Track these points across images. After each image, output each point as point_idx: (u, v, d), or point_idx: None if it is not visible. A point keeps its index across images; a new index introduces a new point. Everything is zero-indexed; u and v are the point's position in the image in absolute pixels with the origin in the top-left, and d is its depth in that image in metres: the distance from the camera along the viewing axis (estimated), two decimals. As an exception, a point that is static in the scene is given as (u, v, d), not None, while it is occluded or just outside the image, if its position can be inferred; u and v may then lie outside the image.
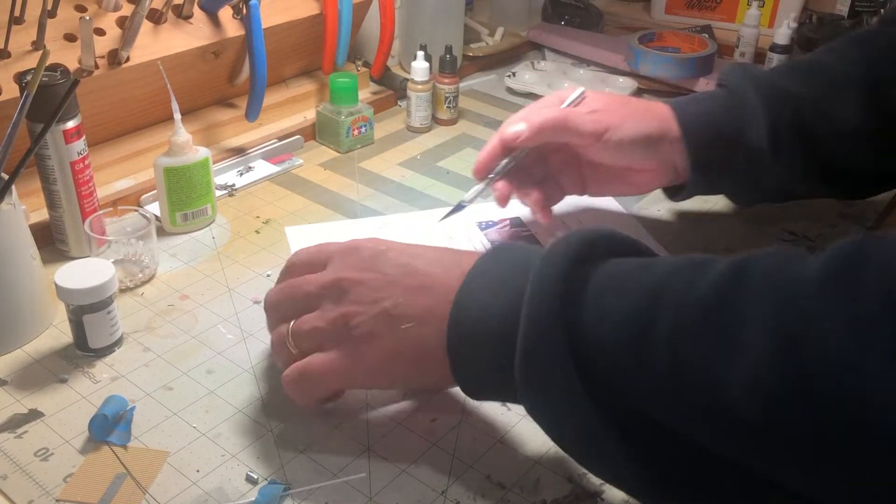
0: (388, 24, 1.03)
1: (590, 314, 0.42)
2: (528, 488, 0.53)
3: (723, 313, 0.37)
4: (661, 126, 0.71)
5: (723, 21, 1.40)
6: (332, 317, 0.52)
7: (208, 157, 0.78)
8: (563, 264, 0.44)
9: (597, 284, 0.43)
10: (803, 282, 0.35)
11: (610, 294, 0.42)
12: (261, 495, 0.52)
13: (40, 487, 0.52)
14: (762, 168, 0.71)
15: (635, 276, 0.43)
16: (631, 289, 0.42)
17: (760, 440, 0.35)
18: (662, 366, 0.38)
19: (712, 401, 0.36)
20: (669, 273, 0.41)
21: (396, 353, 0.51)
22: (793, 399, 0.33)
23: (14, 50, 0.75)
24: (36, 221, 0.76)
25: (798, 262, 0.37)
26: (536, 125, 0.70)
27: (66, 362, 0.63)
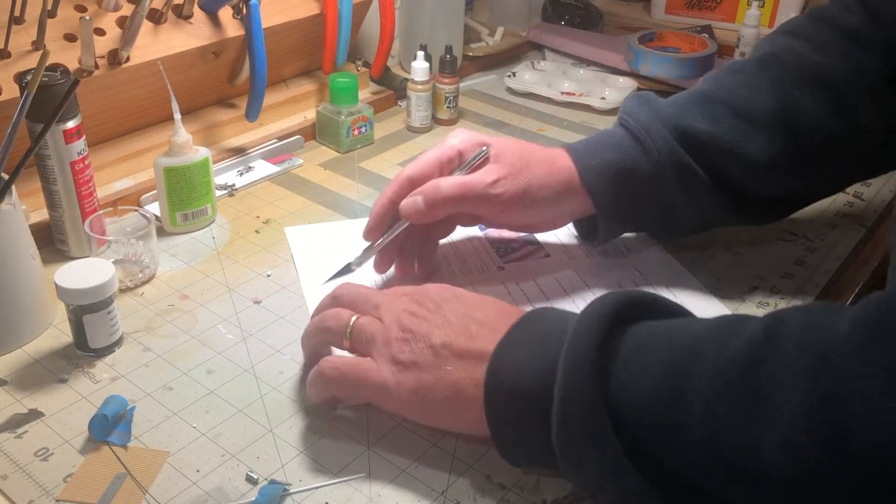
0: (388, 24, 1.03)
1: (623, 377, 0.42)
2: (528, 488, 0.53)
3: (756, 374, 0.37)
4: (565, 183, 0.68)
5: (723, 21, 1.40)
6: (389, 336, 0.54)
7: (208, 157, 0.78)
8: (597, 329, 0.44)
9: (631, 348, 0.44)
10: (836, 339, 0.35)
11: (644, 356, 0.43)
12: (261, 495, 0.52)
13: (40, 487, 0.52)
14: (673, 210, 0.69)
15: (668, 337, 0.43)
16: (664, 351, 0.42)
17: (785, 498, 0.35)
18: (696, 428, 0.39)
19: (747, 463, 0.36)
20: (702, 334, 0.42)
21: (432, 388, 0.52)
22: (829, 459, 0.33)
23: (14, 50, 0.75)
24: (36, 221, 0.76)
25: (830, 318, 0.37)
26: (436, 202, 0.65)
27: (66, 362, 0.63)
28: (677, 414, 0.39)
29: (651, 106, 0.71)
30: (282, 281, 0.73)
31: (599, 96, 1.12)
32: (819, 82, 0.69)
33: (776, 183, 0.70)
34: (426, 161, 0.68)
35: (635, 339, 0.44)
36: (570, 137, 1.03)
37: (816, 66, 0.70)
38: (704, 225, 0.73)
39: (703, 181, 0.68)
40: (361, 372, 0.54)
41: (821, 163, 0.70)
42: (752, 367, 0.37)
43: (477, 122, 1.06)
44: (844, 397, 0.33)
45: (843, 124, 0.68)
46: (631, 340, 0.44)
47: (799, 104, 0.68)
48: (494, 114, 1.09)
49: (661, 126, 0.68)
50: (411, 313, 0.54)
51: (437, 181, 0.66)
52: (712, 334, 0.41)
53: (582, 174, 0.68)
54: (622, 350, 0.44)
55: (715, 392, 0.38)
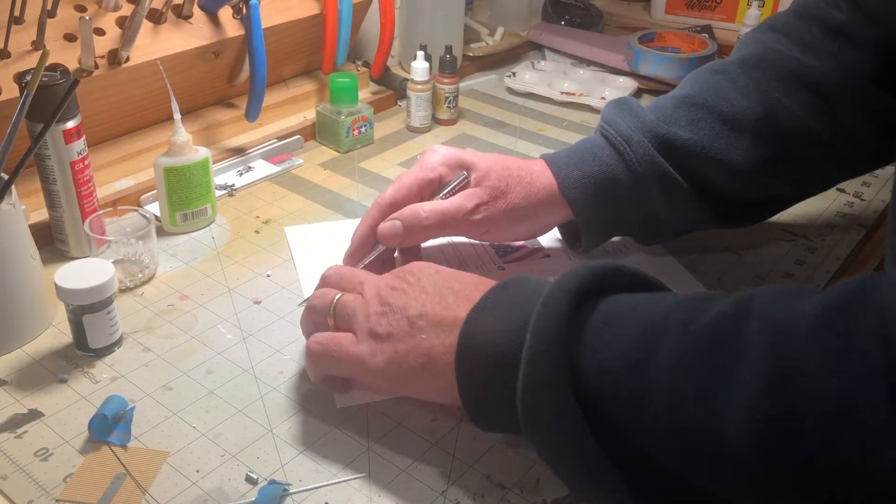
0: (388, 24, 1.03)
1: (590, 346, 0.42)
2: (528, 488, 0.53)
3: (720, 350, 0.37)
4: (546, 199, 0.68)
5: (723, 21, 1.40)
6: (369, 310, 0.54)
7: (208, 157, 0.78)
8: (569, 297, 0.44)
9: (600, 318, 0.44)
10: (800, 320, 0.35)
11: (612, 327, 0.43)
12: (261, 495, 0.52)
13: (40, 487, 0.52)
14: (655, 218, 0.69)
15: (639, 310, 0.43)
16: (633, 322, 0.42)
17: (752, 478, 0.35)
18: (659, 401, 0.39)
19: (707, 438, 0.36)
20: (672, 308, 0.42)
21: (406, 357, 0.52)
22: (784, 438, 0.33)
23: (14, 50, 0.75)
24: (36, 221, 0.76)
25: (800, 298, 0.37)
26: (415, 229, 0.65)
27: (66, 362, 0.63)
28: (640, 386, 0.39)
29: (632, 113, 0.70)
30: (282, 281, 0.73)
31: (599, 96, 1.12)
32: (805, 85, 0.68)
33: (759, 187, 0.69)
34: (406, 185, 0.68)
35: (606, 309, 0.44)
36: (571, 137, 1.03)
37: (802, 67, 0.69)
38: (687, 230, 0.73)
39: (684, 189, 0.67)
40: (341, 346, 0.54)
41: (805, 166, 0.69)
42: (716, 343, 0.37)
43: (477, 122, 1.06)
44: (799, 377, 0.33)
45: (829, 128, 0.68)
46: (601, 311, 0.44)
47: (784, 108, 0.68)
48: (494, 114, 1.09)
49: (641, 135, 0.68)
50: (392, 287, 0.55)
51: (417, 208, 0.66)
52: (682, 309, 0.41)
53: (562, 187, 0.68)
54: (592, 319, 0.44)
55: (678, 366, 0.38)
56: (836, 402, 0.32)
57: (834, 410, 0.32)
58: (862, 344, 0.32)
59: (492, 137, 1.03)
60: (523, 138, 1.02)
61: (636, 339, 0.41)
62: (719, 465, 0.36)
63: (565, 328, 0.43)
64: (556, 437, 0.44)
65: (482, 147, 1.00)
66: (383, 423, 0.58)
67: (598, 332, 0.43)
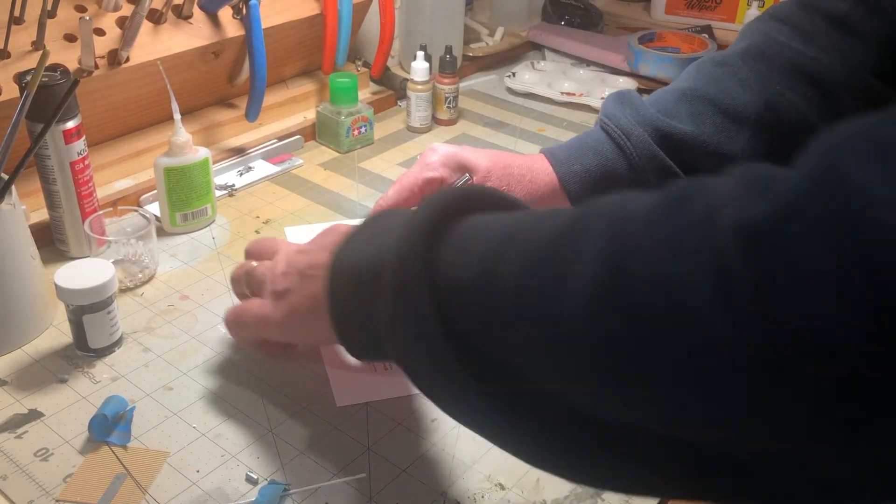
0: (388, 24, 1.03)
1: (448, 259, 0.42)
2: (528, 488, 0.53)
3: (562, 245, 0.37)
4: (547, 194, 0.69)
5: (723, 21, 1.40)
6: (275, 273, 0.56)
7: (208, 157, 0.78)
8: (431, 217, 0.44)
9: (461, 233, 0.44)
10: (636, 211, 0.35)
11: (470, 240, 0.43)
12: (261, 495, 0.52)
13: (40, 487, 0.52)
14: None
15: (497, 224, 0.43)
16: (487, 234, 0.42)
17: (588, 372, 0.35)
18: (507, 302, 0.38)
19: (549, 336, 0.36)
20: (525, 217, 0.42)
21: (298, 306, 0.54)
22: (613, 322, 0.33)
23: (14, 50, 0.75)
24: (36, 221, 0.76)
25: (639, 196, 0.37)
26: None
27: (66, 362, 0.63)
28: (492, 292, 0.39)
29: (632, 107, 0.70)
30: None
31: (599, 96, 1.12)
32: (807, 77, 0.68)
33: None
34: (407, 186, 0.69)
35: (467, 225, 0.44)
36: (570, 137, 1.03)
37: (804, 58, 0.68)
38: None
39: None
40: (249, 311, 0.57)
41: None
42: (560, 238, 0.37)
43: (477, 122, 1.06)
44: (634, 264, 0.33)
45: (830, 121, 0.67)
46: (463, 227, 0.44)
47: (785, 101, 0.68)
48: (494, 114, 1.09)
49: (641, 129, 0.68)
50: (299, 251, 0.56)
51: None
52: (536, 218, 0.41)
53: (563, 182, 0.69)
54: (453, 235, 0.44)
55: (524, 268, 0.38)
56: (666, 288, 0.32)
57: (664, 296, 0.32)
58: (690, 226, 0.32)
59: (492, 137, 1.03)
60: (523, 138, 1.02)
61: (490, 249, 0.41)
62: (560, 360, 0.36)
63: (425, 243, 0.43)
64: (414, 350, 0.43)
65: (482, 147, 1.00)
66: (383, 423, 0.58)
67: (457, 246, 0.43)
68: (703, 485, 0.36)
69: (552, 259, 0.37)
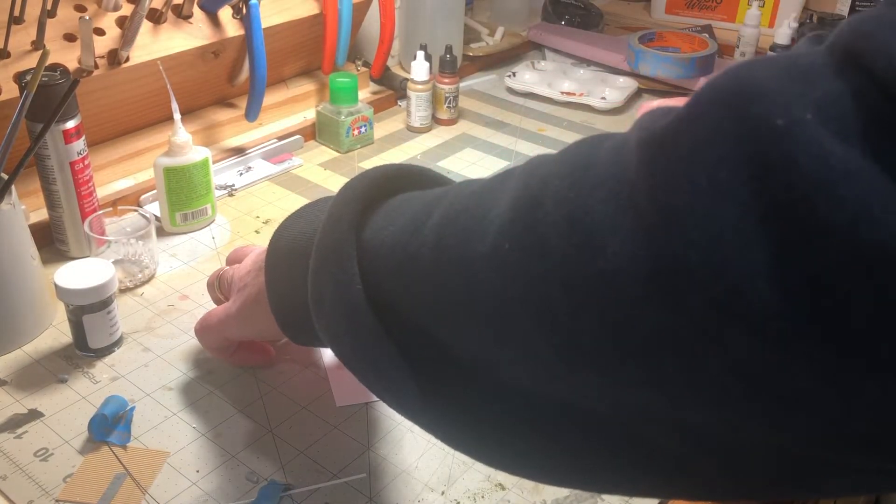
0: (388, 24, 1.03)
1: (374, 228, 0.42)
2: (528, 488, 0.53)
3: (482, 198, 0.36)
4: None
5: (723, 21, 1.40)
6: (242, 272, 0.57)
7: (208, 157, 0.78)
8: (361, 192, 0.44)
9: (390, 205, 0.43)
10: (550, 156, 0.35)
11: (398, 210, 0.42)
12: (261, 495, 0.51)
13: (40, 487, 0.52)
14: None
15: (430, 193, 0.42)
16: (419, 202, 0.41)
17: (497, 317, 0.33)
18: (427, 258, 0.37)
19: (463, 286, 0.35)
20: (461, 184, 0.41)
21: (248, 296, 0.55)
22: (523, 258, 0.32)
23: (14, 50, 0.75)
24: (36, 221, 0.76)
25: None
26: None
27: (66, 362, 0.63)
28: (412, 249, 0.38)
29: None
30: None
31: (599, 96, 1.12)
32: None
33: None
34: None
35: (397, 199, 0.44)
36: (571, 137, 1.03)
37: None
38: None
39: None
40: (213, 315, 0.59)
41: None
42: (482, 192, 0.37)
43: (477, 122, 1.06)
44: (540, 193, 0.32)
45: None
46: (393, 201, 0.44)
47: None
48: (494, 114, 1.09)
49: None
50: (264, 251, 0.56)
51: None
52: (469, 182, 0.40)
53: None
54: (381, 208, 0.43)
55: (446, 220, 0.37)
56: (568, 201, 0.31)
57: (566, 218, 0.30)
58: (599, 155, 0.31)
59: (492, 137, 1.03)
60: (523, 138, 1.02)
61: (416, 213, 0.40)
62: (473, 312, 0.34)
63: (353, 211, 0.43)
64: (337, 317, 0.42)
65: (482, 147, 1.00)
66: (383, 423, 0.58)
67: (384, 213, 0.42)
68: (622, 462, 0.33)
69: (471, 210, 0.36)
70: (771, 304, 0.25)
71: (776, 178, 0.25)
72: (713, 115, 0.27)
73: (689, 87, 1.13)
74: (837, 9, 1.34)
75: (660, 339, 0.28)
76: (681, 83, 1.13)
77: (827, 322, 0.24)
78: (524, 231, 0.32)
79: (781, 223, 0.24)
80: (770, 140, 0.25)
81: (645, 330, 0.28)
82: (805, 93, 0.25)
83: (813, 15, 1.31)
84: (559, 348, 0.31)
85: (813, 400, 0.26)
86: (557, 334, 0.31)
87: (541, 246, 0.31)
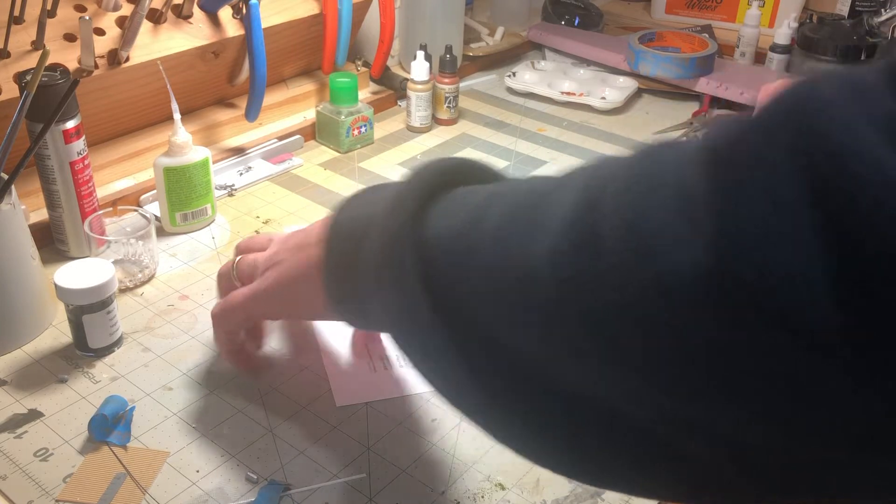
0: (388, 24, 1.03)
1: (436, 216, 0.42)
2: (528, 488, 0.53)
3: (544, 197, 0.37)
4: None
5: (723, 21, 1.40)
6: (264, 256, 0.57)
7: (208, 157, 0.78)
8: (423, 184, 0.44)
9: (449, 198, 0.44)
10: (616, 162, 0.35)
11: (456, 203, 0.43)
12: (261, 495, 0.51)
13: (40, 487, 0.52)
14: None
15: (484, 189, 0.43)
16: (478, 196, 0.42)
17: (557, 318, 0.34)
18: (486, 252, 0.38)
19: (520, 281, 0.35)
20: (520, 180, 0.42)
21: (289, 273, 0.54)
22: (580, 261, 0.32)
23: (14, 50, 0.75)
24: (36, 221, 0.76)
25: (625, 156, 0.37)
26: None
27: (66, 362, 0.63)
28: (470, 243, 0.39)
29: None
30: (282, 281, 0.73)
31: (599, 96, 1.12)
32: None
33: None
34: None
35: (455, 193, 0.44)
36: (570, 137, 1.03)
37: None
38: None
39: None
40: (237, 294, 0.57)
41: None
42: (545, 191, 0.37)
43: (477, 122, 1.06)
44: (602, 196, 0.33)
45: None
46: (455, 192, 0.44)
47: None
48: (494, 114, 1.09)
49: None
50: (291, 235, 0.57)
51: None
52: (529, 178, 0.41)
53: None
54: (441, 200, 0.44)
55: (504, 219, 0.38)
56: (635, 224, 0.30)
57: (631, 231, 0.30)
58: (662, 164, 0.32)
59: (492, 137, 1.03)
60: (523, 138, 1.02)
61: (474, 207, 0.41)
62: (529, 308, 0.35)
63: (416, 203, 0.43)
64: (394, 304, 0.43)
65: (482, 147, 1.00)
66: (383, 423, 0.58)
67: (445, 205, 0.43)
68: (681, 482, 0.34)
69: (532, 207, 0.37)
70: (831, 323, 0.25)
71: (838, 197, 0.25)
72: (777, 131, 0.27)
73: (689, 88, 1.13)
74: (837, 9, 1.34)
75: (712, 351, 0.28)
76: (681, 83, 1.13)
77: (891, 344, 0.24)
78: (582, 232, 0.33)
79: (843, 244, 0.24)
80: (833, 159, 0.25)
81: (697, 341, 0.28)
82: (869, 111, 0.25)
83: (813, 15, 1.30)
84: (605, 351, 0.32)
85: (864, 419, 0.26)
86: (604, 336, 0.31)
87: (597, 248, 0.32)
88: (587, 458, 0.37)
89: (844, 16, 1.32)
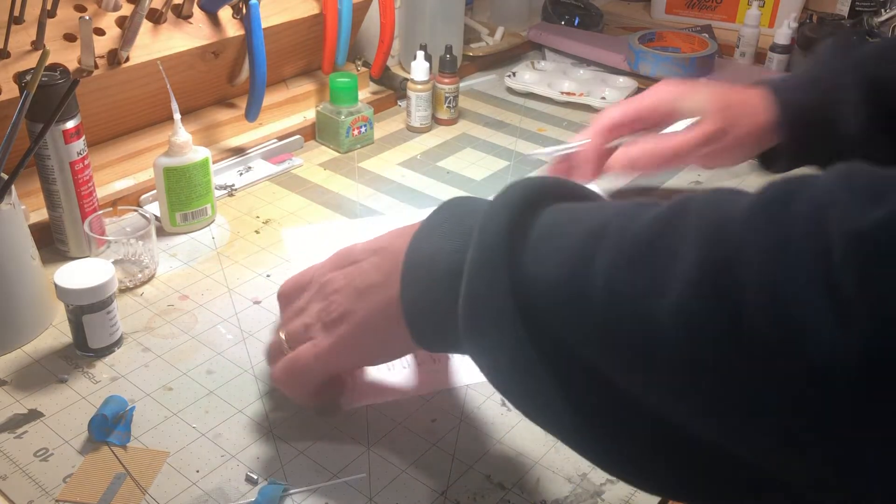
0: (388, 24, 1.03)
1: (533, 255, 0.42)
2: (528, 488, 0.53)
3: (657, 246, 0.37)
4: (763, 125, 0.75)
5: (723, 21, 1.40)
6: (316, 309, 0.54)
7: (208, 157, 0.78)
8: (510, 209, 0.44)
9: (541, 227, 0.44)
10: (735, 212, 0.35)
11: (554, 236, 0.42)
12: (261, 495, 0.51)
13: (40, 488, 0.52)
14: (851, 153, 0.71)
15: (579, 218, 0.43)
16: (573, 229, 0.42)
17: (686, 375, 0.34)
18: (597, 303, 0.38)
19: (643, 334, 0.36)
20: (612, 214, 0.41)
21: (366, 322, 0.51)
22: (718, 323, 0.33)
23: (14, 50, 0.75)
24: (36, 221, 0.76)
25: (734, 196, 0.37)
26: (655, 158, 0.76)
27: (66, 362, 0.63)
28: (579, 290, 0.39)
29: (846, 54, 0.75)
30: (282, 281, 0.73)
31: (599, 96, 1.12)
32: None
33: None
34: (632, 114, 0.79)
35: (547, 220, 0.44)
36: (570, 137, 1.03)
37: None
38: None
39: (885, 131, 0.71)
40: (301, 355, 0.53)
41: None
42: (654, 240, 0.37)
43: (477, 122, 1.06)
44: (735, 266, 0.33)
45: None
46: (543, 221, 0.44)
47: None
48: (494, 114, 1.09)
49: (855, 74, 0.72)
50: (328, 281, 0.54)
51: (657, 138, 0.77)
52: (621, 214, 0.41)
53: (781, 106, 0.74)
54: (533, 230, 0.43)
55: (616, 267, 0.38)
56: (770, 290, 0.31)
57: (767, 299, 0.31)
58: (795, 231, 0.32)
59: (492, 137, 1.03)
60: (523, 138, 1.02)
61: (576, 245, 0.41)
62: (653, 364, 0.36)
63: (507, 239, 0.43)
64: (493, 346, 0.43)
65: (482, 147, 1.00)
66: (383, 423, 0.58)
67: (539, 242, 0.43)
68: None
69: (644, 259, 0.37)
70: None
71: None
72: None
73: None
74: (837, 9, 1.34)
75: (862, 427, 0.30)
76: (681, 83, 1.13)
77: None
78: (715, 296, 0.33)
79: None
80: None
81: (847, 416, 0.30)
82: None
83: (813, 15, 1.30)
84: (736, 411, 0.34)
85: None
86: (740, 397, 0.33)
87: (735, 316, 0.33)
88: None
89: (844, 16, 1.32)
